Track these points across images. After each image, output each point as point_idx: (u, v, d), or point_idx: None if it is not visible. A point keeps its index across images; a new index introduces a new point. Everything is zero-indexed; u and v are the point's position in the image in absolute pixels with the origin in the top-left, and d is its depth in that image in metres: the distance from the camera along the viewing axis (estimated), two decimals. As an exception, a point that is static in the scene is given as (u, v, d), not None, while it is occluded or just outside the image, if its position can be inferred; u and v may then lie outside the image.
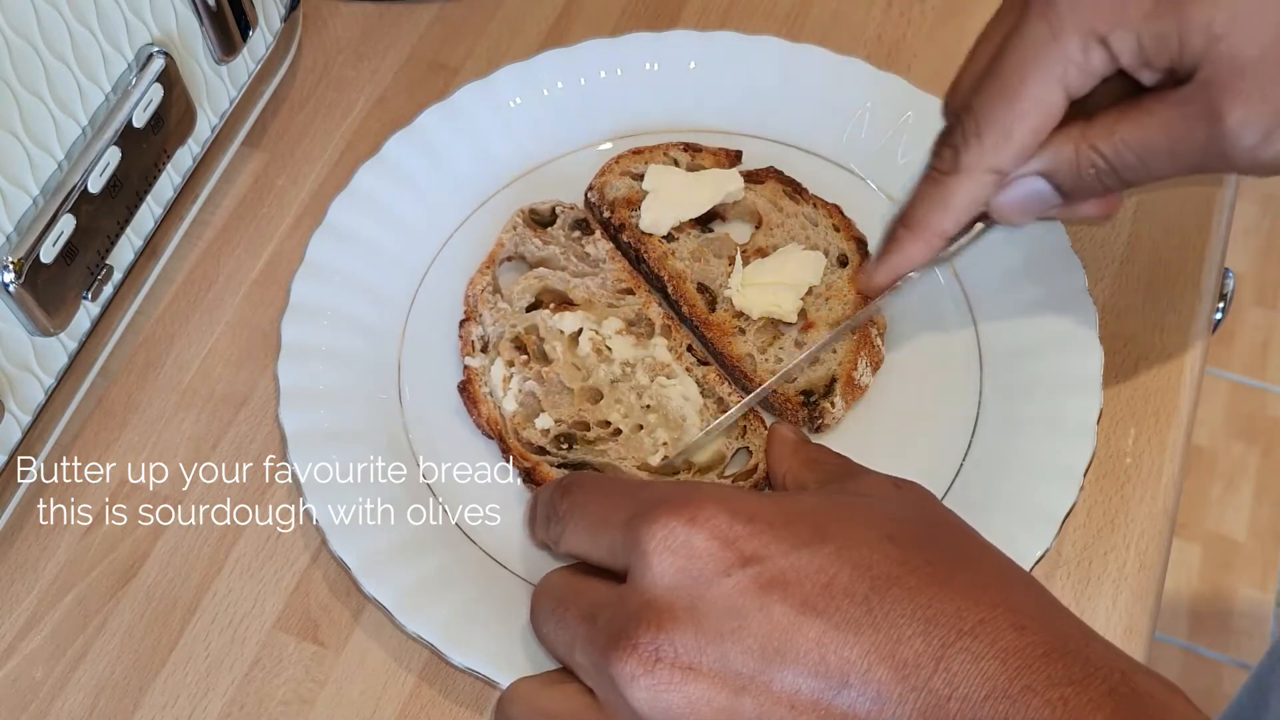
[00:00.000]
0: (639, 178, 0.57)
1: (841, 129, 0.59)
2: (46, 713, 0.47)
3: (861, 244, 0.55)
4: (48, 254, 0.46)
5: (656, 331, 0.53)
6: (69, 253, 0.48)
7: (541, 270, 0.55)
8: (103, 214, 0.50)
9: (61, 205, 0.47)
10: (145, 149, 0.51)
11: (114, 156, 0.49)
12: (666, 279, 0.55)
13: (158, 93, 0.50)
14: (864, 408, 0.52)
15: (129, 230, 0.52)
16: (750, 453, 0.50)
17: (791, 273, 0.54)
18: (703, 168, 0.58)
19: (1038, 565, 0.47)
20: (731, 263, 0.55)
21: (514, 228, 0.56)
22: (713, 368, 0.52)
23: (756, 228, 0.57)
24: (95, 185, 0.48)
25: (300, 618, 0.49)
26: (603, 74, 0.61)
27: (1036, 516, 0.48)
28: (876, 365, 0.53)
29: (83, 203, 0.48)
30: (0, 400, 0.47)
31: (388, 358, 0.54)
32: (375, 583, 0.46)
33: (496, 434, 0.51)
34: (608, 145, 0.60)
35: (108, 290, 0.51)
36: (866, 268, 0.51)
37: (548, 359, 0.52)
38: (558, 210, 0.57)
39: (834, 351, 0.52)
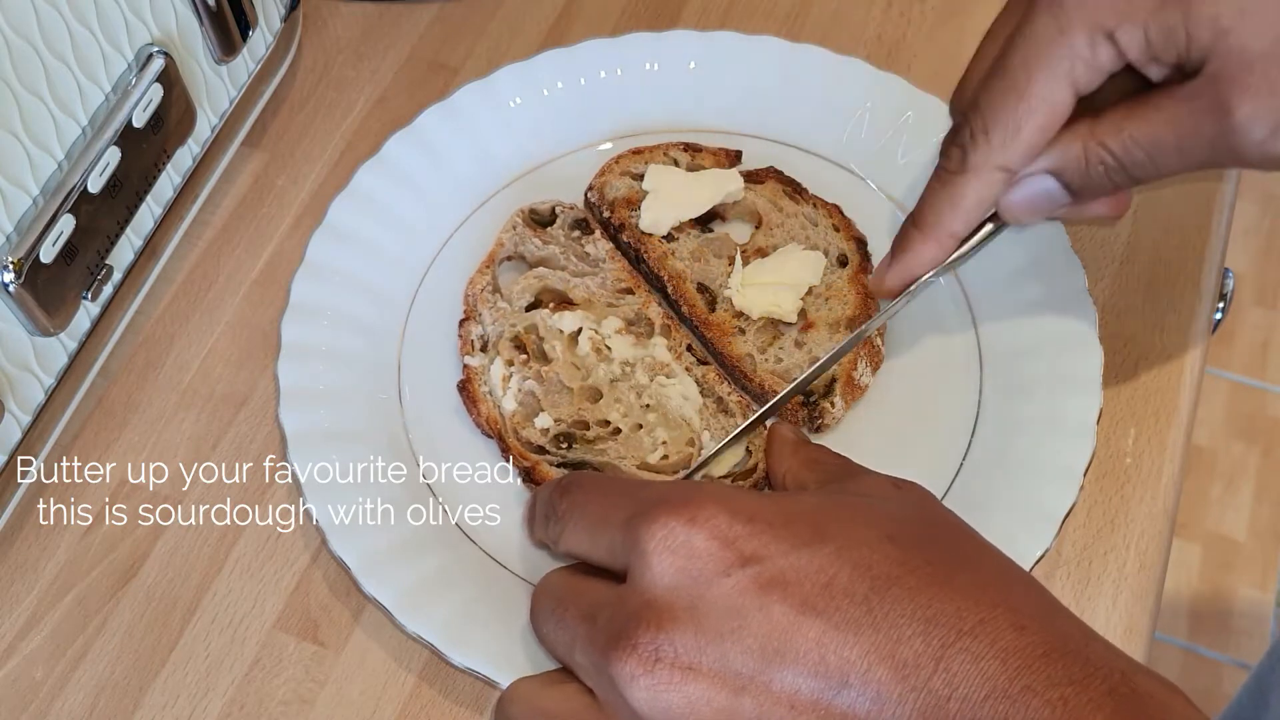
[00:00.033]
0: (639, 178, 0.57)
1: (841, 129, 0.59)
2: (46, 713, 0.47)
3: (861, 244, 0.55)
4: (48, 254, 0.46)
5: (656, 331, 0.53)
6: (69, 253, 0.48)
7: (541, 270, 0.55)
8: (103, 214, 0.50)
9: (61, 205, 0.47)
10: (145, 149, 0.51)
11: (114, 156, 0.49)
12: (666, 279, 0.55)
13: (158, 93, 0.50)
14: (864, 408, 0.52)
15: (129, 230, 0.52)
16: (750, 452, 0.50)
17: (791, 273, 0.54)
18: (703, 168, 0.58)
19: (1038, 565, 0.47)
20: (731, 263, 0.55)
21: (514, 227, 0.56)
22: (712, 367, 0.52)
23: (756, 228, 0.57)
24: (95, 185, 0.48)
25: (300, 618, 0.49)
26: (603, 74, 0.61)
27: (1036, 516, 0.48)
28: (876, 365, 0.53)
29: (83, 203, 0.48)
30: (0, 400, 0.47)
31: (388, 358, 0.54)
32: (375, 583, 0.46)
33: (496, 433, 0.51)
34: (608, 145, 0.60)
35: (108, 290, 0.51)
36: (879, 271, 0.50)
37: (547, 358, 0.52)
38: (558, 210, 0.57)
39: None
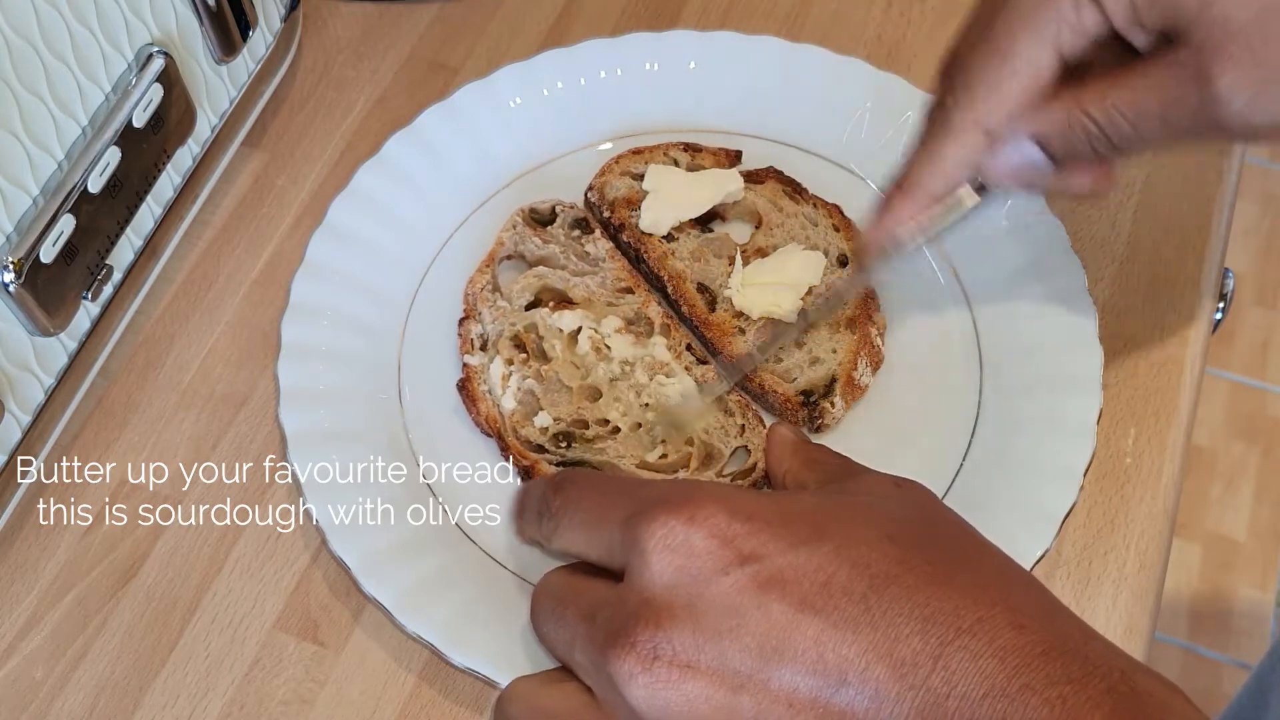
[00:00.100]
0: (639, 178, 0.57)
1: (841, 129, 0.59)
2: (46, 713, 0.47)
3: (861, 244, 0.56)
4: (48, 254, 0.46)
5: (655, 330, 0.53)
6: (69, 253, 0.48)
7: (541, 269, 0.55)
8: (103, 214, 0.50)
9: (61, 205, 0.47)
10: (145, 149, 0.51)
11: (114, 156, 0.49)
12: (666, 279, 0.55)
13: (158, 93, 0.50)
14: (864, 408, 0.52)
15: (129, 230, 0.52)
16: (749, 452, 0.50)
17: (791, 273, 0.54)
18: (703, 168, 0.58)
19: (1038, 565, 0.47)
20: (731, 263, 0.55)
21: (514, 226, 0.56)
22: (711, 367, 0.52)
23: (756, 228, 0.57)
24: (95, 185, 0.48)
25: (300, 618, 0.49)
26: (603, 74, 0.61)
27: (1036, 516, 0.48)
28: (876, 365, 0.53)
29: (83, 203, 0.48)
30: (0, 400, 0.47)
31: (388, 358, 0.54)
32: (375, 583, 0.46)
33: (495, 432, 0.51)
34: (608, 145, 0.60)
35: (108, 290, 0.51)
36: (861, 231, 0.50)
37: (547, 357, 0.52)
38: (558, 209, 0.57)
39: (834, 351, 0.52)
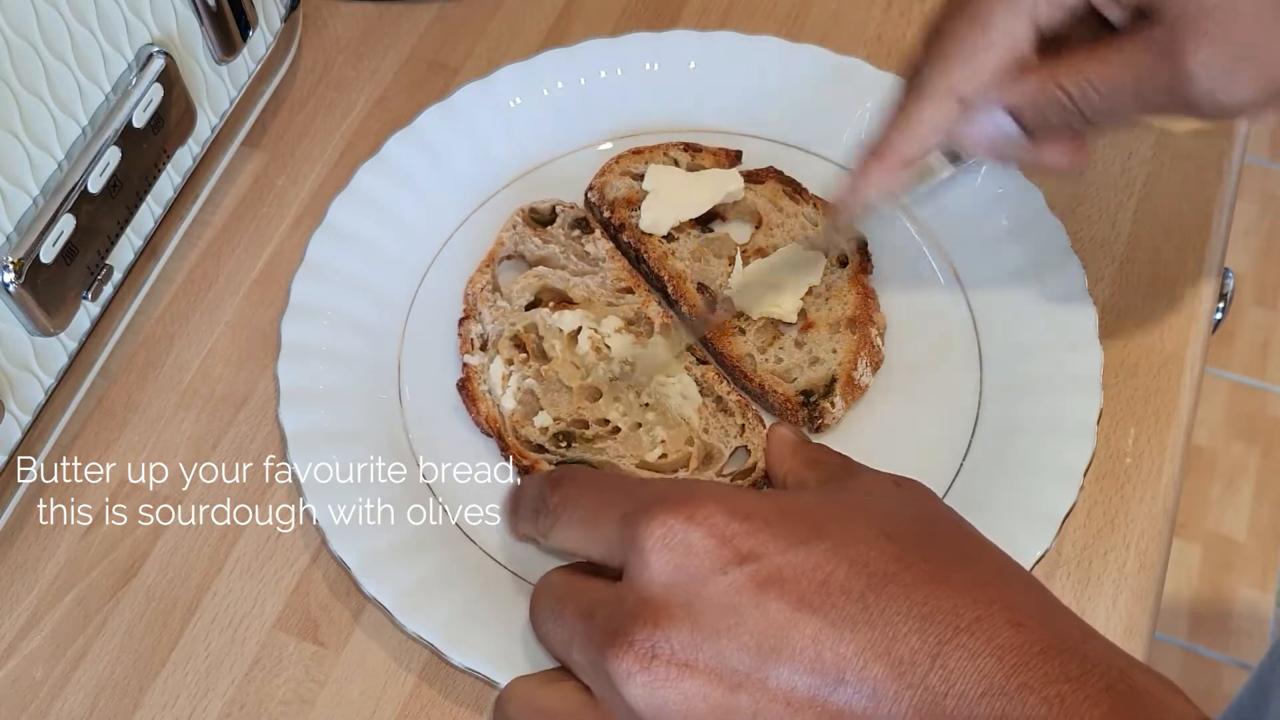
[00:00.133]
0: (639, 178, 0.57)
1: (841, 129, 0.59)
2: (46, 713, 0.47)
3: (861, 244, 0.55)
4: (48, 254, 0.46)
5: (656, 330, 0.53)
6: (69, 253, 0.48)
7: (541, 269, 0.55)
8: (103, 214, 0.50)
9: (61, 205, 0.47)
10: (145, 149, 0.51)
11: (114, 156, 0.49)
12: (666, 279, 0.55)
13: (158, 93, 0.50)
14: (864, 408, 0.52)
15: (129, 230, 0.52)
16: (749, 452, 0.50)
17: (792, 273, 0.54)
18: (703, 168, 0.58)
19: (1038, 565, 0.47)
20: (731, 263, 0.55)
21: (514, 226, 0.56)
22: (711, 366, 0.52)
23: (756, 228, 0.57)
24: (95, 185, 0.48)
25: (300, 618, 0.49)
26: (603, 74, 0.61)
27: (1036, 516, 0.48)
28: (876, 365, 0.53)
29: (83, 203, 0.48)
30: (0, 400, 0.47)
31: (388, 358, 0.54)
32: (375, 583, 0.46)
33: (495, 432, 0.51)
34: (608, 145, 0.60)
35: (108, 290, 0.51)
36: (833, 192, 0.50)
37: (547, 357, 0.52)
38: (558, 209, 0.57)
39: (834, 351, 0.52)
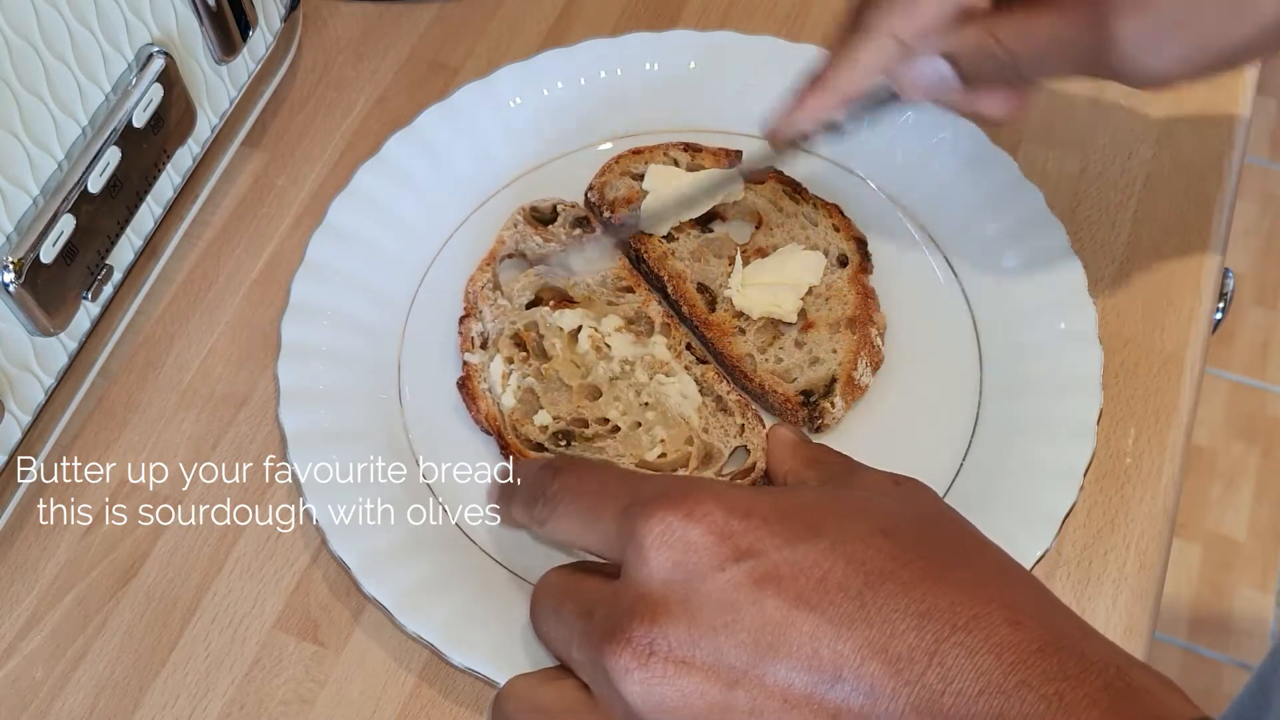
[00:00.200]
0: (639, 178, 0.57)
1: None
2: (46, 713, 0.47)
3: (861, 244, 0.55)
4: (48, 254, 0.46)
5: (656, 329, 0.53)
6: (69, 253, 0.48)
7: (541, 267, 0.55)
8: (103, 214, 0.50)
9: (61, 205, 0.47)
10: (145, 149, 0.51)
11: (114, 156, 0.49)
12: (666, 279, 0.55)
13: (158, 93, 0.50)
14: (864, 408, 0.52)
15: (129, 230, 0.52)
16: (749, 452, 0.50)
17: (791, 273, 0.54)
18: (703, 168, 0.58)
19: (1038, 565, 0.47)
20: (731, 263, 0.55)
21: (515, 225, 0.56)
22: (711, 366, 0.52)
23: (756, 228, 0.57)
24: (95, 185, 0.48)
25: (300, 618, 0.49)
26: (603, 74, 0.61)
27: (1036, 516, 0.48)
28: (876, 365, 0.53)
29: (83, 203, 0.48)
30: (0, 400, 0.47)
31: (388, 358, 0.54)
32: (375, 583, 0.46)
33: (495, 430, 0.51)
34: (608, 145, 0.60)
35: (108, 290, 0.51)
36: (771, 119, 0.51)
37: (547, 356, 0.52)
38: (559, 208, 0.57)
39: (834, 351, 0.52)
